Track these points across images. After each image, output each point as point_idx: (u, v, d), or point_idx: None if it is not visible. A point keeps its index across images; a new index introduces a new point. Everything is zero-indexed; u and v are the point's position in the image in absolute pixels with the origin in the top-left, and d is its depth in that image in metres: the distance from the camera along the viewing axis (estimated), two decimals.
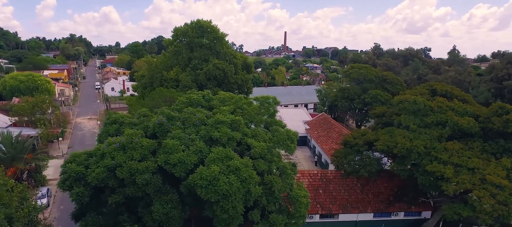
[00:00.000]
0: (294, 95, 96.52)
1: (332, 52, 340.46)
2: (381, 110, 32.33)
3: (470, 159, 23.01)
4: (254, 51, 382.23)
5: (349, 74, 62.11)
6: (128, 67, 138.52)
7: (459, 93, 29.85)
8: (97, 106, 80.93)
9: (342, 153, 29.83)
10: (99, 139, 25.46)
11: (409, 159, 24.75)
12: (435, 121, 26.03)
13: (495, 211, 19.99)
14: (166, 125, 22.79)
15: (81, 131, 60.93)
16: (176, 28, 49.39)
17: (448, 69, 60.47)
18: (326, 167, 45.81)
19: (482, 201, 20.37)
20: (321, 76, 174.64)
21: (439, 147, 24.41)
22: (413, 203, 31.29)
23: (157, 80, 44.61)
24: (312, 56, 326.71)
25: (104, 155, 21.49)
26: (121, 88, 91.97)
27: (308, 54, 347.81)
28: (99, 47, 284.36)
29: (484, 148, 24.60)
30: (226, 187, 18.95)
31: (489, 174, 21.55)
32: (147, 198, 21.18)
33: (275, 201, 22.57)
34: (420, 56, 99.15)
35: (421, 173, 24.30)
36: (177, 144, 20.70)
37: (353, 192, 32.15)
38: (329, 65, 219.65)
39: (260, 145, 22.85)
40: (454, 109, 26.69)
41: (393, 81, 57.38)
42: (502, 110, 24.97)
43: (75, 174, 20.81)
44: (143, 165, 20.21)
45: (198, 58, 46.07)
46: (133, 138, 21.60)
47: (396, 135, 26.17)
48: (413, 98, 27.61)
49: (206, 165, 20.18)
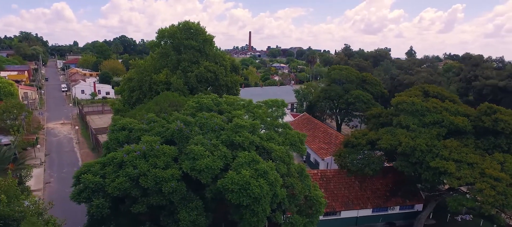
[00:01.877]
0: (271, 96, 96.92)
1: (297, 52, 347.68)
2: (378, 111, 34.11)
3: (468, 155, 25.19)
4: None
5: (330, 75, 64.25)
6: (95, 68, 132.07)
7: (448, 95, 32.36)
8: (68, 111, 76.48)
9: (345, 152, 31.06)
10: (107, 146, 24.38)
11: (413, 156, 26.47)
12: (432, 120, 28.06)
13: (496, 201, 22.14)
14: (185, 131, 22.44)
15: (56, 137, 57.35)
16: (161, 30, 48.19)
17: (420, 70, 64.87)
18: (316, 166, 47.25)
19: (484, 192, 22.43)
20: (291, 76, 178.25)
21: (439, 144, 26.39)
22: (408, 197, 33.40)
23: (146, 83, 43.26)
24: (277, 56, 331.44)
25: (122, 163, 20.75)
26: (92, 90, 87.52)
27: (273, 54, 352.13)
28: (55, 46, 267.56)
29: (477, 144, 27.00)
30: (258, 190, 19.12)
31: (487, 168, 23.78)
32: (171, 206, 20.75)
33: (296, 202, 23.12)
34: (389, 57, 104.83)
35: (425, 169, 26.10)
36: (202, 150, 20.50)
37: (352, 190, 33.58)
38: (296, 65, 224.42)
39: (280, 148, 23.28)
40: (448, 109, 28.94)
41: (372, 82, 60.31)
42: (490, 110, 27.54)
43: (93, 185, 19.85)
44: (169, 172, 19.78)
45: (188, 61, 45.34)
46: (153, 145, 21.08)
47: (398, 134, 27.85)
48: (411, 100, 29.51)
49: (232, 169, 20.19)
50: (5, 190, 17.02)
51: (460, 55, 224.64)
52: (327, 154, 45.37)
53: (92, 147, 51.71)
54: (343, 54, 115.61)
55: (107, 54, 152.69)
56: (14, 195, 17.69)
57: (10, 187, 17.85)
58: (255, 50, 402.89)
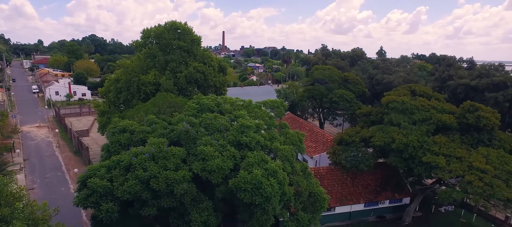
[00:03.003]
0: (252, 96, 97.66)
1: (271, 52, 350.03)
2: (367, 110, 35.58)
3: (456, 150, 27.02)
4: None
5: (313, 74, 65.72)
6: (67, 68, 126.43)
7: (433, 94, 34.41)
8: (42, 113, 72.96)
9: (340, 150, 32.17)
10: (108, 149, 23.87)
11: (406, 152, 27.96)
12: (421, 118, 29.75)
13: (484, 192, 23.98)
14: (191, 132, 22.45)
15: (33, 141, 54.65)
16: (146, 30, 47.31)
17: (398, 70, 68.02)
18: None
19: (473, 184, 24.20)
20: (268, 76, 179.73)
21: (429, 140, 28.06)
22: (396, 191, 35.12)
23: (134, 84, 42.32)
24: (252, 56, 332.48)
25: (130, 166, 20.50)
26: (67, 92, 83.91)
27: (248, 53, 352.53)
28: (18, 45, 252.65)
29: (462, 140, 28.96)
30: (270, 189, 19.58)
31: (474, 161, 25.66)
32: (181, 207, 20.74)
33: (301, 199, 23.81)
34: (365, 57, 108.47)
35: (417, 164, 27.68)
36: (212, 150, 20.65)
37: (345, 186, 34.79)
38: (271, 64, 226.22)
39: (284, 148, 23.87)
40: (435, 107, 30.81)
41: (354, 81, 62.39)
42: (472, 107, 29.62)
43: (102, 189, 19.46)
44: (180, 174, 19.77)
45: (176, 61, 44.89)
46: (161, 147, 20.97)
47: (391, 132, 29.30)
48: (401, 99, 31.13)
49: (243, 169, 20.50)
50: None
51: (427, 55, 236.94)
52: (315, 152, 46.48)
53: (75, 150, 49.84)
54: (320, 54, 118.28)
55: (79, 54, 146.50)
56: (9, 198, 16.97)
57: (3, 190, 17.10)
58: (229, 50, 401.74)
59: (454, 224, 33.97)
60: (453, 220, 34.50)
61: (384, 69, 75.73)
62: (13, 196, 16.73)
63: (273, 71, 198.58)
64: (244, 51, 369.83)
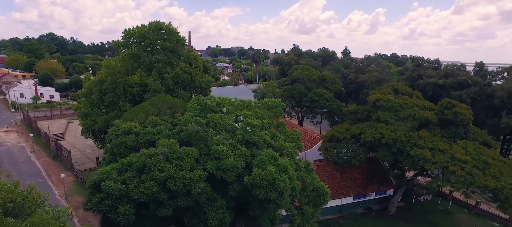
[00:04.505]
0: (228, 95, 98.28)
1: (238, 51, 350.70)
2: (354, 108, 37.69)
3: (439, 143, 29.67)
4: None
5: (291, 74, 67.55)
6: (28, 69, 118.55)
7: (413, 92, 37.23)
8: (7, 117, 68.32)
9: (331, 146, 33.88)
10: (113, 151, 23.58)
11: (394, 147, 30.20)
12: (406, 115, 32.22)
13: (466, 180, 26.66)
14: (201, 132, 22.82)
15: (2, 146, 51.23)
16: (128, 30, 46.33)
17: (371, 69, 71.85)
18: None
19: (456, 173, 26.83)
20: (240, 76, 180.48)
21: (414, 135, 30.52)
22: (382, 184, 37.60)
23: (120, 85, 41.31)
24: (219, 56, 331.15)
25: (144, 168, 20.53)
26: (34, 94, 79.07)
27: (215, 53, 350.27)
28: None
29: (442, 134, 31.76)
30: (283, 185, 20.57)
31: (455, 153, 28.38)
32: (195, 207, 21.10)
33: (305, 194, 25.03)
34: (336, 57, 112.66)
35: (405, 157, 30.01)
36: (225, 150, 21.22)
37: (335, 180, 36.65)
38: (239, 64, 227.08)
39: (289, 145, 24.97)
40: (417, 105, 33.48)
41: (331, 80, 65.04)
42: (450, 104, 32.61)
43: (117, 191, 19.37)
44: (196, 173, 20.15)
45: (162, 62, 44.49)
46: (174, 148, 21.19)
47: (380, 128, 31.44)
48: (387, 97, 33.46)
49: (255, 166, 21.27)
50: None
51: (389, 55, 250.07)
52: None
53: (53, 155, 47.54)
54: (293, 54, 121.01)
55: (40, 54, 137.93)
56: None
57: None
58: (195, 50, 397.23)
59: (433, 211, 37.04)
60: (432, 208, 37.59)
61: (357, 69, 79.54)
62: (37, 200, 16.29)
63: (242, 71, 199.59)
64: (211, 51, 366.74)
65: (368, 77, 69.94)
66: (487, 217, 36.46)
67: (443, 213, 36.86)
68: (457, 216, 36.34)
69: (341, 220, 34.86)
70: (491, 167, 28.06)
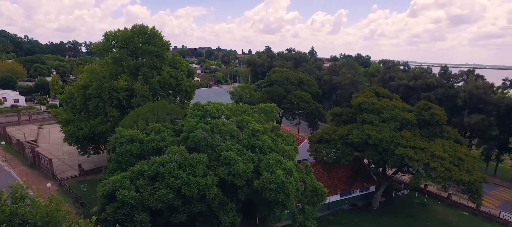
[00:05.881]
0: (204, 98, 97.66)
1: (206, 52, 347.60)
2: (339, 111, 39.89)
3: (419, 142, 32.49)
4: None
5: (270, 76, 69.18)
6: None
7: (392, 95, 40.13)
8: None
9: (321, 147, 35.73)
10: (118, 159, 23.55)
11: (380, 146, 32.61)
12: (389, 116, 34.83)
13: (445, 175, 29.56)
14: (208, 138, 23.46)
15: None
16: (109, 33, 45.41)
17: (345, 72, 75.30)
18: None
19: (437, 169, 29.70)
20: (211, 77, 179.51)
21: (397, 135, 33.16)
22: (365, 181, 40.14)
23: (106, 90, 40.35)
24: (186, 56, 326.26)
25: (157, 175, 20.85)
26: None
27: (182, 54, 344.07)
28: None
29: (421, 133, 34.77)
30: (291, 187, 21.85)
31: (435, 151, 31.30)
32: (208, 211, 21.75)
33: (306, 193, 26.50)
34: (307, 58, 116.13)
35: (390, 156, 32.51)
36: (235, 155, 22.06)
37: (323, 180, 38.44)
38: (208, 65, 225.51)
39: (290, 148, 26.28)
40: (397, 107, 36.28)
41: (309, 83, 67.49)
42: (426, 106, 35.79)
43: (133, 200, 19.58)
44: (209, 179, 20.82)
45: (147, 66, 44.11)
46: (186, 155, 21.68)
47: (366, 129, 33.75)
48: (371, 100, 35.92)
49: (264, 170, 22.33)
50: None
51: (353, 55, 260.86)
52: None
53: (30, 164, 45.24)
54: (266, 56, 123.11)
55: None
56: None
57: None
58: None
59: (411, 204, 40.23)
60: (410, 201, 40.79)
61: (330, 71, 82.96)
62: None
63: (211, 72, 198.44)
64: (178, 51, 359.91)
65: (342, 79, 73.42)
66: (458, 207, 40.29)
67: (420, 205, 40.17)
68: (432, 207, 39.79)
69: (330, 216, 36.84)
70: (464, 162, 31.31)
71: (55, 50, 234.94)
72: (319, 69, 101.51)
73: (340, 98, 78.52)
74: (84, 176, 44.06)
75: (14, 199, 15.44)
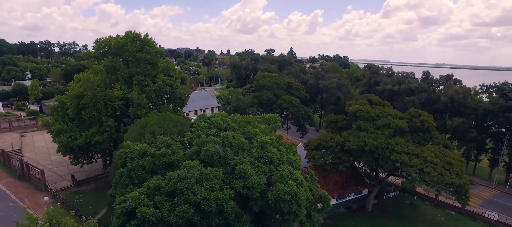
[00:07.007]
0: (190, 102, 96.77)
1: (185, 52, 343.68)
2: (334, 118, 41.28)
3: (412, 148, 34.38)
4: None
5: (259, 81, 69.94)
6: None
7: (384, 102, 42.00)
8: None
9: (319, 154, 36.94)
10: (130, 174, 23.56)
11: (376, 153, 34.22)
12: (382, 124, 36.53)
13: (438, 179, 31.53)
14: (220, 152, 23.92)
15: None
16: (100, 40, 44.81)
17: (331, 76, 77.25)
18: None
19: (430, 174, 31.60)
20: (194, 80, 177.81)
21: (392, 142, 34.90)
22: (359, 184, 41.82)
23: (101, 100, 39.62)
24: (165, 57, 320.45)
25: (174, 191, 21.10)
26: None
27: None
28: None
29: (413, 139, 36.76)
30: (303, 197, 22.76)
31: (427, 156, 33.26)
32: (224, 224, 22.22)
33: (312, 201, 27.51)
34: (291, 61, 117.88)
35: (385, 161, 34.19)
36: (249, 168, 22.67)
37: (319, 184, 39.67)
38: (188, 66, 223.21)
39: (296, 158, 27.19)
40: (390, 114, 38.10)
41: (297, 87, 68.87)
42: (417, 113, 37.87)
43: (154, 217, 19.78)
44: (226, 193, 21.32)
45: (142, 74, 43.77)
46: (202, 170, 22.04)
47: (363, 136, 35.27)
48: (365, 108, 37.52)
49: (277, 182, 23.07)
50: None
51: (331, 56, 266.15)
52: None
53: (18, 175, 43.67)
54: (250, 59, 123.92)
55: None
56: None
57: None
58: None
59: (402, 205, 42.34)
60: (401, 203, 42.89)
61: (316, 75, 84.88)
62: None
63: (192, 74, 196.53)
64: None
65: (328, 83, 75.41)
66: (445, 207, 42.82)
67: (410, 206, 42.35)
68: (422, 208, 42.08)
69: (328, 220, 38.14)
70: (454, 166, 33.48)
71: (25, 51, 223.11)
72: (303, 72, 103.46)
73: (325, 101, 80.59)
74: (77, 186, 43.07)
75: None
